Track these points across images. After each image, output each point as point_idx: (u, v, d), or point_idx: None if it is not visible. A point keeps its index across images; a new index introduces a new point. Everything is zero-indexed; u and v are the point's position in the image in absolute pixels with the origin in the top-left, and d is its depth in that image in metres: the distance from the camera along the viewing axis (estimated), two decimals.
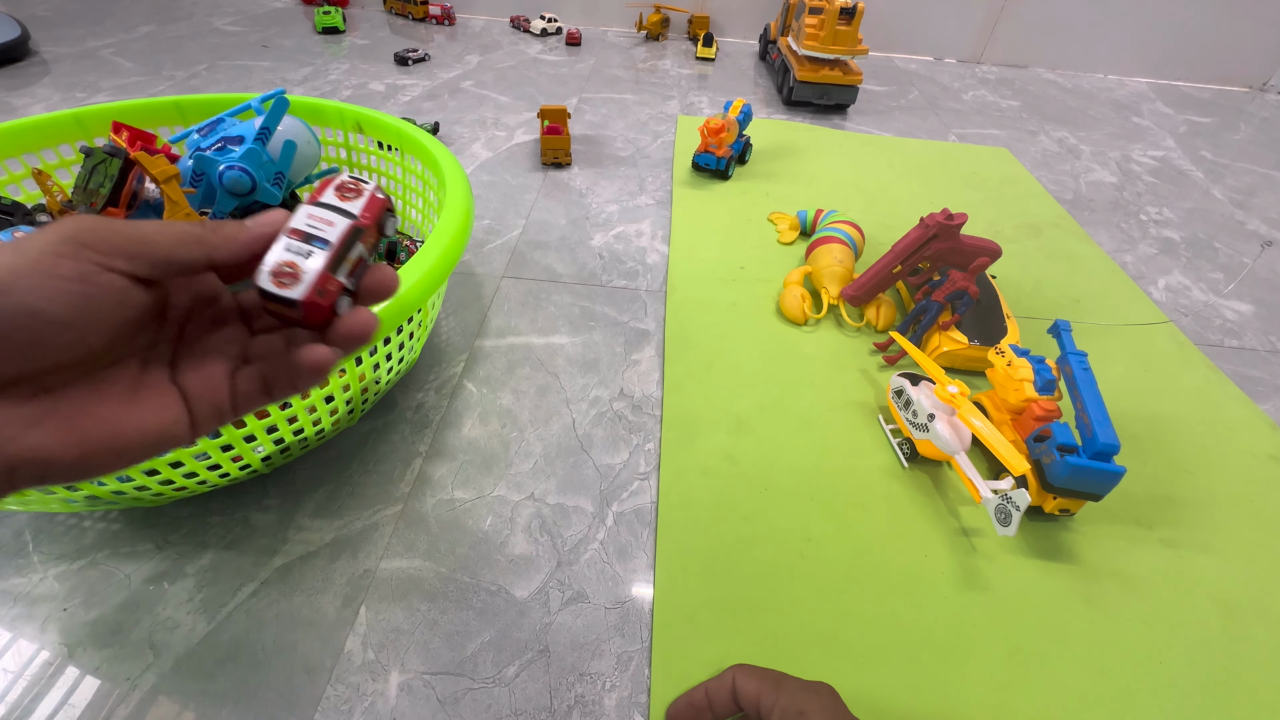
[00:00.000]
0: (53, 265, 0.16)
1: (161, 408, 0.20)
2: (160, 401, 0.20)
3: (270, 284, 0.20)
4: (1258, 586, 0.45)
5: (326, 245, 0.20)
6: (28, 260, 0.16)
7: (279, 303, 0.20)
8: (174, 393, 0.21)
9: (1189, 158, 1.16)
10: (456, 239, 0.45)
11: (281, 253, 0.20)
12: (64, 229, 0.17)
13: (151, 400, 0.20)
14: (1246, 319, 0.74)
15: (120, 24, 1.43)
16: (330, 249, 0.20)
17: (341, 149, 0.67)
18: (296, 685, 0.37)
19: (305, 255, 0.20)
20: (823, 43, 1.13)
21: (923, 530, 0.47)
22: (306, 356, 0.21)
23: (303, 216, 0.21)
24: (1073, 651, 0.40)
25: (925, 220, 0.59)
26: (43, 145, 0.58)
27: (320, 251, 0.20)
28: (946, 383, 0.50)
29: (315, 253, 0.20)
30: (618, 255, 0.76)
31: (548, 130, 0.91)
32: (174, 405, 0.20)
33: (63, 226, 0.17)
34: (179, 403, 0.21)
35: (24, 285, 0.16)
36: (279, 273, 0.20)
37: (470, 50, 1.44)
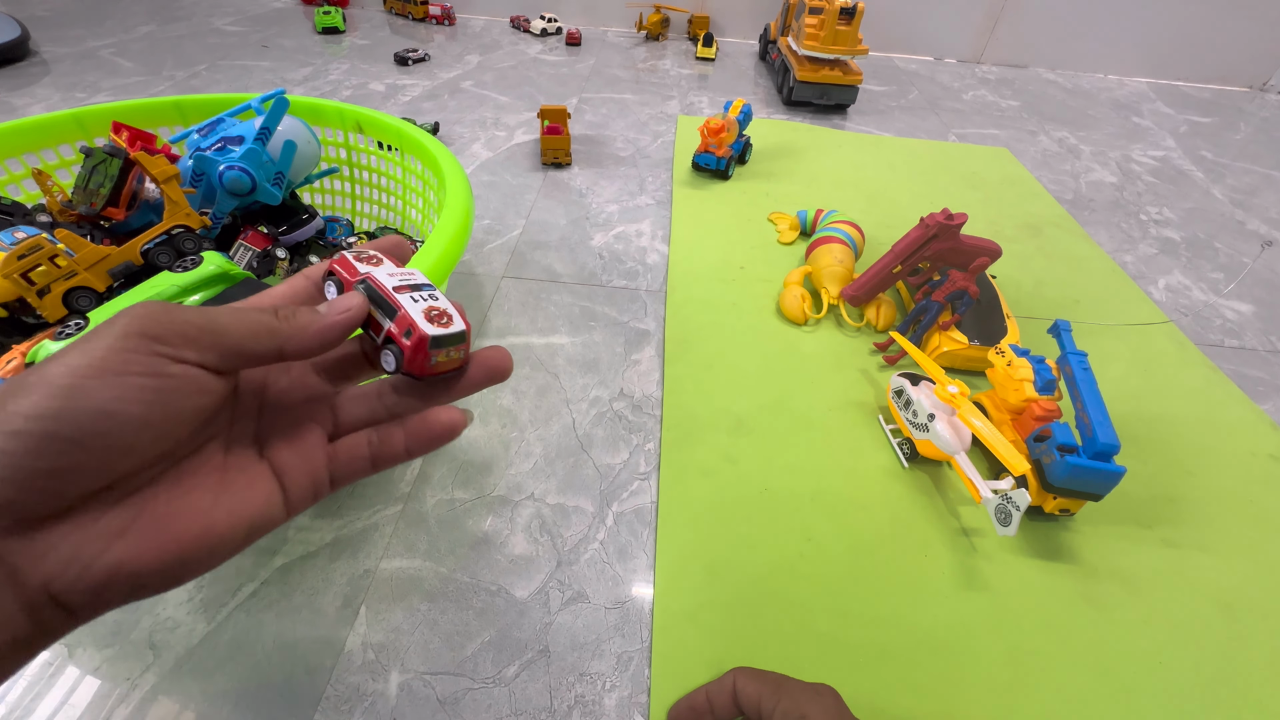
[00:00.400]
0: (122, 363, 0.15)
1: (253, 489, 0.19)
2: (251, 483, 0.19)
3: (436, 328, 0.19)
4: (1258, 586, 0.45)
5: (432, 285, 0.20)
6: (95, 360, 0.15)
7: (447, 343, 0.19)
8: (264, 470, 0.19)
9: (1189, 157, 1.16)
10: (456, 239, 0.45)
11: (414, 304, 0.19)
12: (129, 323, 0.16)
13: (241, 483, 0.18)
14: (1246, 319, 0.74)
15: (120, 24, 1.43)
16: (434, 288, 0.20)
17: (341, 149, 0.67)
18: (296, 685, 0.37)
19: (431, 298, 0.20)
20: (823, 43, 1.13)
21: (923, 530, 0.47)
22: (442, 417, 0.20)
23: (386, 276, 0.20)
24: (1073, 651, 0.40)
25: (925, 220, 0.59)
26: (43, 145, 0.58)
27: (434, 289, 0.20)
28: (946, 383, 0.50)
29: (434, 292, 0.20)
30: (618, 255, 0.76)
31: (548, 130, 0.91)
32: (266, 484, 0.19)
33: (127, 320, 0.16)
34: (271, 480, 0.19)
35: (94, 387, 0.15)
36: (433, 317, 0.19)
37: (470, 50, 1.44)
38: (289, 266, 0.57)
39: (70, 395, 0.14)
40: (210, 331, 0.17)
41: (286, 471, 0.19)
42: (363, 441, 0.21)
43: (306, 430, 0.20)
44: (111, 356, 0.15)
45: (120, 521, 0.16)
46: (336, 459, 0.21)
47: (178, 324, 0.16)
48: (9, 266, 0.43)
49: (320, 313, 0.19)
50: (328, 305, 0.19)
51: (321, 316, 0.19)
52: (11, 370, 0.41)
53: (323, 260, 0.21)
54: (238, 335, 0.17)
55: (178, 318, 0.16)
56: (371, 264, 0.20)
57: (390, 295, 0.19)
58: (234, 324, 0.17)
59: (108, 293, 0.48)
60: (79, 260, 0.46)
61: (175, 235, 0.50)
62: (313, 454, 0.20)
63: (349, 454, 0.21)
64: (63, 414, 0.14)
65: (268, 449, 0.20)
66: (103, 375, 0.15)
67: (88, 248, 0.46)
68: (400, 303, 0.19)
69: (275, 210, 0.59)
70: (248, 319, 0.18)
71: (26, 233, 0.48)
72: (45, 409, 0.14)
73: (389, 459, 0.21)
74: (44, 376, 0.15)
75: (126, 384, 0.15)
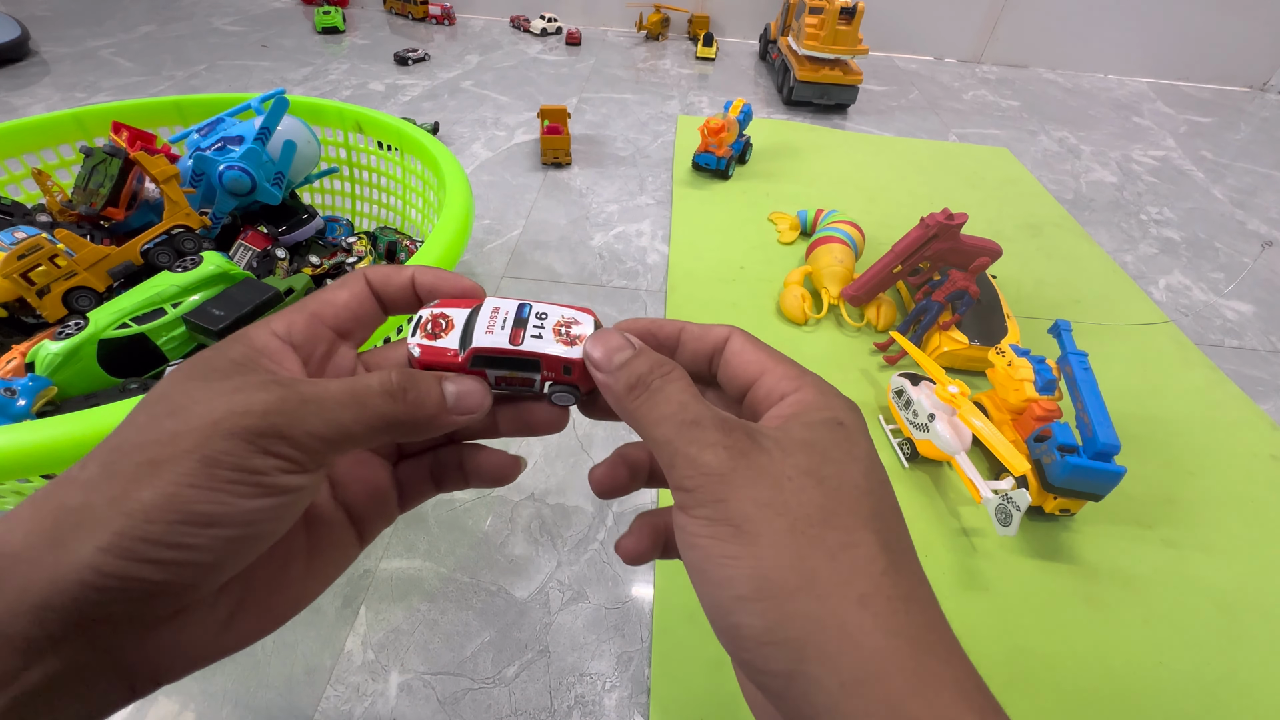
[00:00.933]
0: (249, 485, 0.14)
1: (337, 545, 0.18)
2: (335, 537, 0.18)
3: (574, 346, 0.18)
4: (1258, 586, 0.45)
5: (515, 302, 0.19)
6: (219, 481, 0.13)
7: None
8: (342, 517, 0.18)
9: (1189, 157, 1.16)
10: (456, 239, 0.45)
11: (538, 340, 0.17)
12: (257, 437, 0.14)
13: (327, 540, 0.18)
14: (1247, 319, 0.74)
15: (120, 24, 1.43)
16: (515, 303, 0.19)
17: (341, 149, 0.67)
18: (296, 685, 0.37)
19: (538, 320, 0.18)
20: (823, 42, 1.13)
21: (923, 530, 0.47)
22: (498, 460, 0.19)
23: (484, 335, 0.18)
24: (1073, 651, 0.40)
25: (925, 220, 0.59)
26: (43, 145, 0.58)
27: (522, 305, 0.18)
28: (947, 383, 0.50)
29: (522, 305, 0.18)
30: (618, 255, 0.76)
31: (548, 130, 0.91)
32: (346, 533, 0.18)
33: (257, 434, 0.14)
34: (349, 528, 0.18)
35: (224, 514, 0.13)
36: (561, 334, 0.18)
37: (470, 50, 1.44)
38: (289, 266, 0.57)
39: (203, 524, 0.13)
40: (337, 440, 0.15)
41: (362, 514, 0.19)
42: (425, 473, 0.20)
43: (375, 466, 0.19)
44: (239, 478, 0.13)
45: (226, 610, 0.15)
46: (404, 488, 0.20)
47: (306, 440, 0.14)
48: (9, 266, 0.43)
49: (445, 403, 0.17)
50: (457, 396, 0.17)
51: (444, 414, 0.17)
52: (12, 370, 0.41)
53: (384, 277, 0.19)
54: (360, 436, 0.15)
55: (307, 429, 0.14)
56: (444, 333, 0.18)
57: (515, 352, 0.17)
58: (356, 425, 0.15)
59: (107, 292, 0.48)
60: (79, 260, 0.46)
61: (175, 235, 0.50)
62: (383, 490, 0.19)
63: (415, 484, 0.20)
64: (195, 543, 0.13)
65: (340, 490, 0.18)
66: (232, 499, 0.13)
67: (88, 248, 0.46)
68: (532, 350, 0.17)
69: (275, 210, 0.59)
70: (369, 414, 0.15)
71: (26, 233, 0.48)
72: (177, 539, 0.13)
73: (451, 486, 0.20)
74: (168, 497, 0.13)
75: (256, 507, 0.14)
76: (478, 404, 0.17)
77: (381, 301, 0.19)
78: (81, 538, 0.12)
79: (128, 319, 0.44)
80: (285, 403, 0.14)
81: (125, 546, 0.12)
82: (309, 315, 0.17)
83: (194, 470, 0.13)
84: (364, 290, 0.18)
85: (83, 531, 0.13)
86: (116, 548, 0.12)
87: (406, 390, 0.16)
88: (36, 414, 0.38)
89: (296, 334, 0.17)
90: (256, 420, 0.14)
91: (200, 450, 0.13)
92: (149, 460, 0.13)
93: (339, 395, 0.15)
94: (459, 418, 0.17)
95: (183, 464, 0.13)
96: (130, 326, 0.43)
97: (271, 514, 0.14)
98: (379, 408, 0.15)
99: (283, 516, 0.15)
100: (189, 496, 0.13)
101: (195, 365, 0.15)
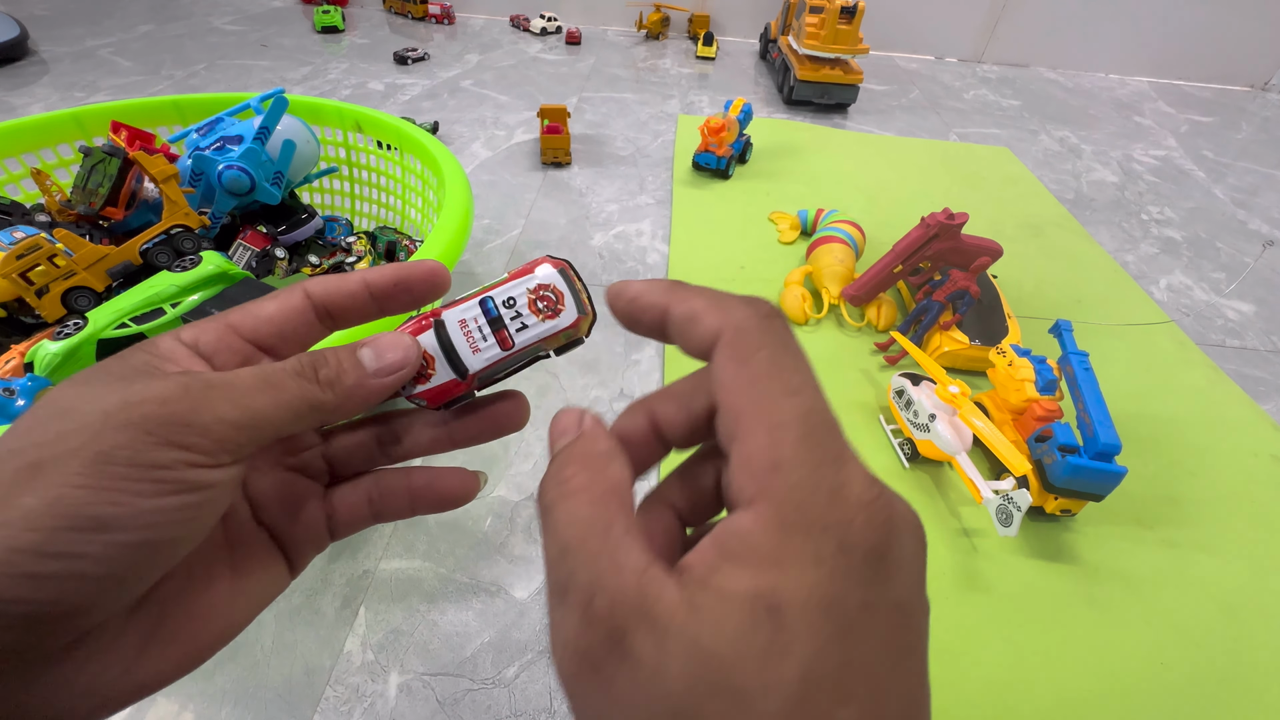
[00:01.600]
0: (148, 484, 0.12)
1: (264, 568, 0.16)
2: (261, 560, 0.16)
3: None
4: (1259, 587, 0.45)
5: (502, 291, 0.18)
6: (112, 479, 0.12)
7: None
8: (265, 538, 0.17)
9: (1190, 157, 1.15)
10: (456, 238, 0.45)
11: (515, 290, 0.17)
12: (156, 425, 0.12)
13: (251, 562, 0.16)
14: (1248, 319, 0.73)
15: (119, 23, 1.42)
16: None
17: (341, 148, 0.67)
18: (296, 685, 0.37)
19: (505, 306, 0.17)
20: (823, 41, 1.13)
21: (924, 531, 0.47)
22: (451, 480, 0.18)
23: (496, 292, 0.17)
24: (1074, 652, 0.40)
25: (926, 220, 0.59)
26: (41, 145, 0.58)
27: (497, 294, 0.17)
28: (947, 383, 0.50)
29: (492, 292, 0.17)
30: (618, 255, 0.76)
31: (547, 129, 0.91)
32: (272, 556, 0.17)
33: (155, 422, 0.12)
34: (275, 551, 0.17)
35: (121, 517, 0.12)
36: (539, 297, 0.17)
37: (470, 49, 1.43)
38: (288, 266, 0.57)
39: (93, 529, 0.11)
40: (250, 427, 0.13)
41: (285, 538, 0.17)
42: (363, 499, 0.18)
43: (300, 487, 0.18)
44: (135, 475, 0.12)
45: (138, 637, 0.13)
46: (336, 516, 0.18)
47: (215, 427, 0.13)
48: (8, 266, 0.43)
49: (363, 368, 0.15)
50: (374, 358, 0.16)
51: (367, 378, 0.15)
52: (10, 370, 0.41)
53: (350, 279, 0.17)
54: (278, 422, 0.14)
55: (216, 414, 0.13)
56: (431, 369, 0.17)
57: (513, 354, 0.17)
58: (272, 409, 0.14)
59: (106, 292, 0.48)
60: (78, 260, 0.46)
61: (174, 235, 0.50)
62: (309, 513, 0.17)
63: (349, 512, 0.18)
64: (84, 553, 0.11)
65: (262, 512, 0.17)
66: (127, 499, 0.12)
67: (86, 247, 0.46)
68: (528, 342, 0.17)
69: (274, 210, 0.58)
70: (287, 396, 0.14)
71: (25, 232, 0.48)
72: (61, 549, 0.11)
73: (393, 516, 0.18)
74: (50, 500, 0.11)
75: (159, 507, 0.12)
76: (401, 358, 0.16)
77: (328, 312, 0.17)
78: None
79: (127, 319, 0.43)
80: (189, 390, 0.13)
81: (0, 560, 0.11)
82: (223, 326, 0.16)
83: (83, 468, 0.11)
84: (298, 303, 0.16)
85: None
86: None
87: (318, 367, 0.15)
88: None
89: (205, 344, 0.15)
90: (156, 408, 0.12)
91: (91, 446, 0.12)
92: (30, 463, 0.11)
93: (249, 379, 0.14)
94: (386, 379, 0.16)
95: (70, 463, 0.11)
96: (129, 326, 0.43)
97: (179, 515, 0.12)
98: (295, 389, 0.14)
99: (194, 519, 0.13)
100: (77, 498, 0.11)
101: (93, 373, 0.13)
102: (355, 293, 0.17)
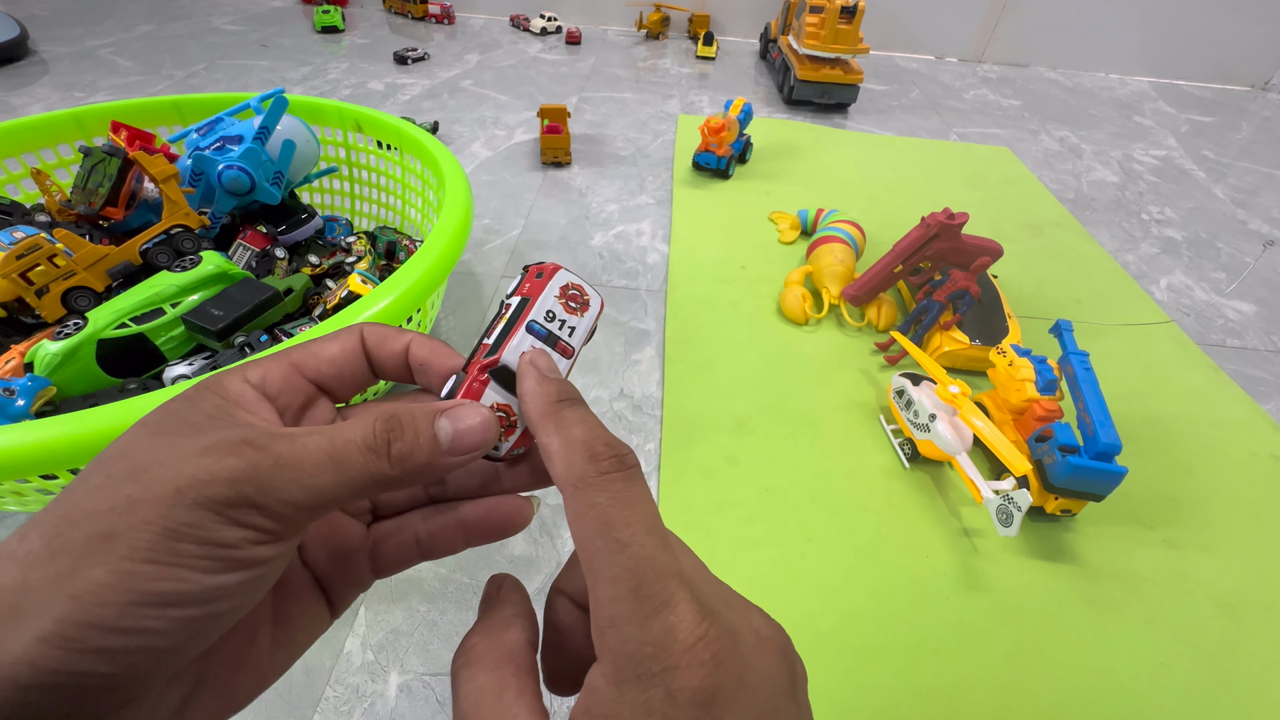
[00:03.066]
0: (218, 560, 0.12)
1: (305, 617, 0.16)
2: (303, 608, 0.16)
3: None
4: (1259, 587, 0.45)
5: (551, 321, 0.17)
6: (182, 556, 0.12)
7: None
8: (309, 582, 0.16)
9: (1191, 157, 1.15)
10: (456, 238, 0.45)
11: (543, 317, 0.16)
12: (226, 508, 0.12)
13: (294, 612, 0.16)
14: (1248, 318, 0.73)
15: (119, 23, 1.42)
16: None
17: (341, 148, 0.67)
18: (295, 685, 0.37)
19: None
20: (824, 41, 1.13)
21: (924, 531, 0.47)
22: (505, 507, 0.17)
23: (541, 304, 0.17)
24: (1074, 652, 0.40)
25: (926, 220, 0.59)
26: (41, 145, 0.58)
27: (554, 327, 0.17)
28: (948, 383, 0.50)
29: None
30: (618, 255, 0.76)
31: (547, 129, 0.91)
32: (315, 604, 0.16)
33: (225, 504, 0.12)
34: (318, 597, 0.17)
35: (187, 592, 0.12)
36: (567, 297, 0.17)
37: (470, 49, 1.43)
38: (288, 266, 0.57)
39: (163, 605, 0.11)
40: (314, 507, 0.13)
41: (328, 578, 0.17)
42: (410, 539, 0.17)
43: (345, 526, 0.17)
44: (206, 552, 0.12)
45: (181, 695, 0.13)
46: (381, 555, 0.17)
47: (281, 508, 0.13)
48: (8, 266, 0.43)
49: (439, 446, 0.15)
50: (452, 438, 0.15)
51: (440, 457, 0.15)
52: (10, 370, 0.41)
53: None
54: (342, 499, 0.14)
55: (282, 497, 0.13)
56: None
57: (576, 351, 0.17)
58: (337, 487, 0.13)
59: (106, 292, 0.48)
60: (78, 260, 0.46)
61: (174, 235, 0.50)
62: (356, 555, 0.17)
63: (396, 551, 0.17)
64: (153, 628, 0.11)
65: (306, 553, 0.17)
66: (198, 575, 0.12)
67: (86, 247, 0.46)
68: (580, 337, 0.17)
69: (274, 210, 0.58)
70: (356, 473, 0.13)
71: (25, 232, 0.48)
72: (132, 624, 0.11)
73: (444, 552, 0.18)
74: (123, 575, 0.11)
75: (222, 584, 0.12)
76: (479, 439, 0.15)
77: (373, 363, 0.17)
78: (16, 626, 0.11)
79: (127, 319, 0.43)
80: (257, 469, 0.13)
81: (70, 635, 0.11)
82: (288, 366, 0.16)
83: (153, 542, 0.11)
84: (356, 347, 0.17)
85: (18, 618, 0.11)
86: (59, 636, 0.11)
87: (391, 442, 0.14)
88: (35, 414, 0.38)
89: (271, 384, 0.15)
90: (225, 489, 0.12)
91: (162, 521, 0.12)
92: (101, 532, 0.11)
93: (316, 455, 0.13)
94: (457, 459, 0.15)
95: (140, 536, 0.11)
96: (129, 326, 0.43)
97: (239, 589, 0.13)
98: (362, 466, 0.14)
99: (251, 591, 0.13)
100: (146, 574, 0.11)
101: (164, 419, 0.14)
102: (398, 353, 0.17)
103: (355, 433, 0.14)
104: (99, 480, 0.12)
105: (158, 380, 0.44)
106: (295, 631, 0.16)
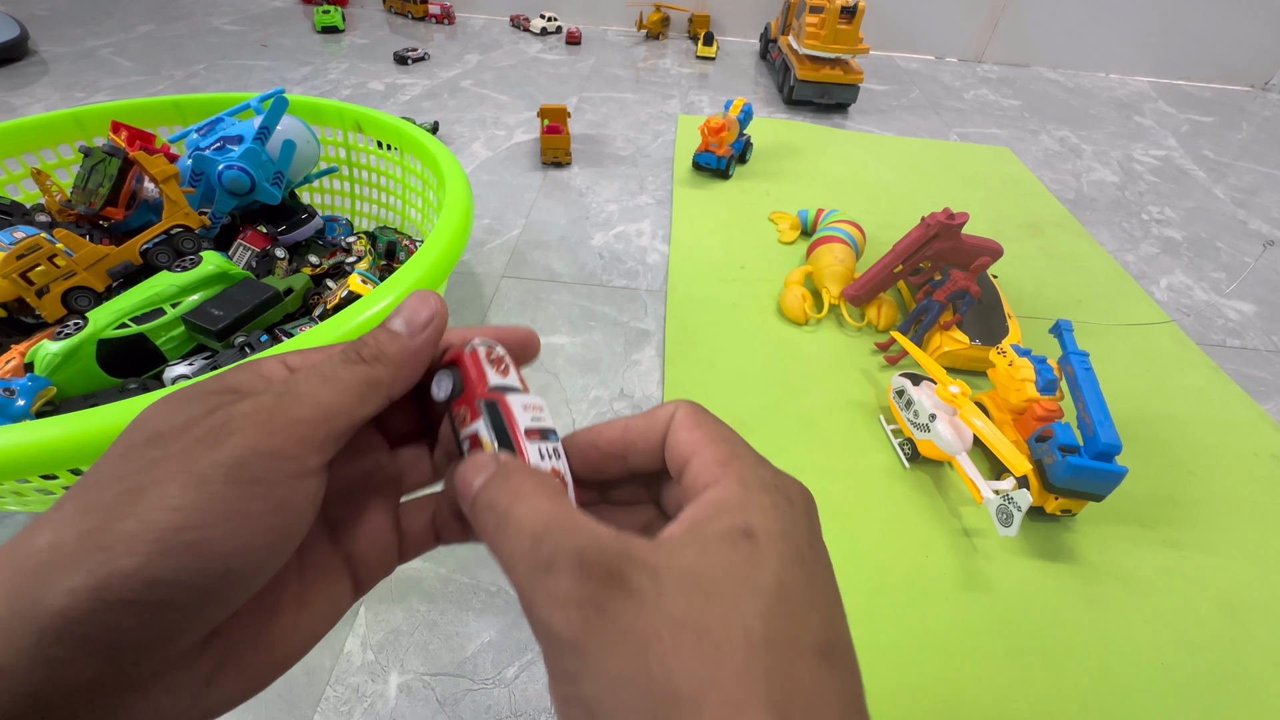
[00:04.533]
0: (243, 499, 0.12)
1: (331, 594, 0.16)
2: (329, 585, 0.16)
3: None
4: (1260, 586, 0.45)
5: (557, 435, 0.17)
6: (214, 502, 0.12)
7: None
8: (338, 562, 0.17)
9: (1191, 157, 1.15)
10: (456, 238, 0.45)
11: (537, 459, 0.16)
12: (242, 440, 0.13)
13: (320, 588, 0.16)
14: (1248, 319, 0.73)
15: (119, 23, 1.42)
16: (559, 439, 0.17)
17: (341, 148, 0.67)
18: (295, 686, 0.37)
19: (555, 455, 0.17)
20: (823, 41, 1.13)
21: (924, 531, 0.47)
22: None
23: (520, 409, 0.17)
24: (1074, 652, 0.40)
25: (926, 220, 0.59)
26: (42, 145, 0.58)
27: (559, 443, 0.17)
28: (948, 383, 0.50)
29: (559, 446, 0.17)
30: (618, 255, 0.76)
31: (547, 129, 0.91)
32: (341, 582, 0.17)
33: (240, 438, 0.13)
34: (345, 576, 0.17)
35: (216, 539, 0.12)
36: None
37: (470, 49, 1.43)
38: (288, 266, 0.57)
39: (191, 554, 0.12)
40: (324, 421, 0.14)
41: (361, 561, 0.17)
42: (427, 520, 0.18)
43: (376, 504, 0.17)
44: (232, 493, 0.12)
45: (209, 667, 0.13)
46: (405, 536, 0.18)
47: (295, 429, 0.13)
48: (8, 266, 0.43)
49: (399, 334, 0.16)
50: (405, 322, 0.16)
51: (406, 341, 0.16)
52: (10, 370, 0.41)
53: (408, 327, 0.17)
54: (347, 409, 0.14)
55: (292, 418, 0.13)
56: (502, 374, 0.17)
57: (518, 436, 0.16)
58: (339, 398, 0.14)
59: (107, 292, 0.48)
60: (78, 260, 0.46)
61: (174, 235, 0.50)
62: (384, 531, 0.17)
63: (416, 533, 0.18)
64: (181, 579, 0.12)
65: (339, 530, 0.17)
66: (224, 520, 0.12)
67: (87, 247, 0.46)
68: (524, 450, 0.16)
69: (274, 210, 0.59)
70: (347, 382, 0.15)
71: (25, 232, 0.48)
72: (160, 574, 0.11)
73: (451, 538, 0.18)
74: (150, 524, 0.11)
75: (251, 526, 0.12)
76: (430, 312, 0.16)
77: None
78: (48, 581, 0.11)
79: (127, 319, 0.43)
80: (261, 405, 0.13)
81: (99, 585, 0.11)
82: (315, 357, 0.17)
83: (181, 491, 0.12)
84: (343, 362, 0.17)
85: (50, 574, 0.11)
86: (87, 589, 0.11)
87: (360, 349, 0.16)
88: (36, 414, 0.38)
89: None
90: (241, 431, 0.13)
91: (185, 473, 0.12)
92: (129, 489, 0.12)
93: (310, 381, 0.14)
94: (424, 334, 0.16)
95: (167, 488, 0.12)
96: (129, 326, 0.43)
97: (268, 536, 0.13)
98: (349, 375, 0.15)
99: (276, 545, 0.13)
100: (173, 522, 0.12)
101: (178, 391, 0.14)
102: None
103: (331, 356, 0.15)
104: (120, 450, 0.13)
105: (158, 380, 0.44)
106: (317, 614, 0.16)
